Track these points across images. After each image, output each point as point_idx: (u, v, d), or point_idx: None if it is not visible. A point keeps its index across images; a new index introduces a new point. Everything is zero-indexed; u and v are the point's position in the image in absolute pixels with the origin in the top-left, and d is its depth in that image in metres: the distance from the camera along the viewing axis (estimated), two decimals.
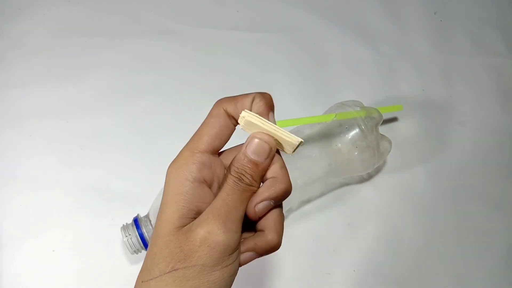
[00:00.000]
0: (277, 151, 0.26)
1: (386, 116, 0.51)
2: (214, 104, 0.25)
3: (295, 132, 0.46)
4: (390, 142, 0.47)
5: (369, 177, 0.50)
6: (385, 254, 0.47)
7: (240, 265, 0.25)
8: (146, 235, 0.40)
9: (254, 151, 0.24)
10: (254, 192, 0.24)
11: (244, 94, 0.25)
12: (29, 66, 0.53)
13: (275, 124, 0.24)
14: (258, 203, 0.24)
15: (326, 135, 0.45)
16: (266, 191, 0.24)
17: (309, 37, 0.58)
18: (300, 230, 0.47)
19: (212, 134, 0.25)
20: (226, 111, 0.25)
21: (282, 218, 0.26)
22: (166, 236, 0.23)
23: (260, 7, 0.59)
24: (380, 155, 0.45)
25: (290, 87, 0.54)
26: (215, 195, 0.25)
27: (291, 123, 0.42)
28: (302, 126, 0.46)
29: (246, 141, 0.24)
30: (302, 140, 0.24)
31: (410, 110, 0.54)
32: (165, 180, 0.24)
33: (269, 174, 0.25)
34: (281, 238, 0.26)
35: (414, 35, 0.59)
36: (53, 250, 0.44)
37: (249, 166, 0.24)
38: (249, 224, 0.26)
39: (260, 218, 0.25)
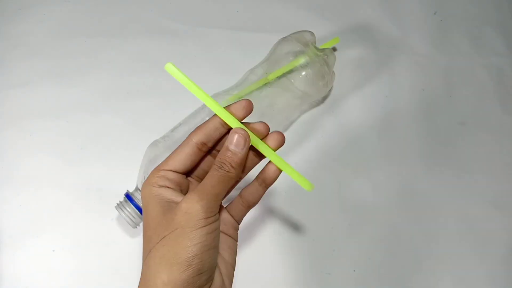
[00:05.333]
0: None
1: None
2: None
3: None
4: (332, 52, 0.49)
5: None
6: (385, 254, 0.47)
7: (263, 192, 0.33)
8: (141, 205, 0.41)
9: (231, 142, 0.30)
10: (232, 178, 0.30)
11: (210, 122, 0.32)
12: (29, 66, 0.53)
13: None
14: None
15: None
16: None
17: None
18: (300, 230, 0.47)
19: (176, 161, 0.31)
20: (191, 140, 0.31)
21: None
22: (156, 219, 0.29)
23: (260, 7, 0.59)
24: (329, 67, 0.48)
25: None
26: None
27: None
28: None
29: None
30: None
31: (409, 110, 0.54)
32: (141, 193, 0.31)
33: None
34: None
35: (414, 35, 0.59)
36: (53, 250, 0.44)
37: (228, 155, 0.30)
38: None
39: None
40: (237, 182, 0.35)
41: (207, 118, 0.45)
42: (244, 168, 0.33)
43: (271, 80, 0.47)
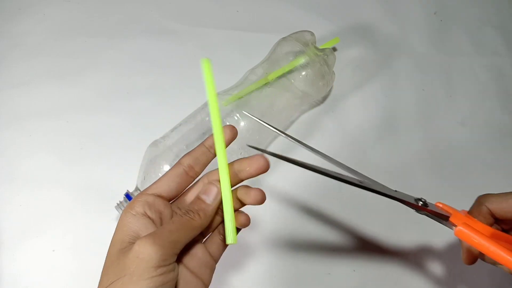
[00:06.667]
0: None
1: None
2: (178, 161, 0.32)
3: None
4: (332, 52, 0.50)
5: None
6: (385, 254, 0.47)
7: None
8: None
9: (203, 192, 0.30)
10: (195, 227, 0.28)
11: (198, 147, 0.32)
12: (29, 66, 0.53)
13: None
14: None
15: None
16: None
17: None
18: (300, 230, 0.47)
19: (162, 183, 0.30)
20: (183, 165, 0.31)
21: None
22: (112, 256, 0.27)
23: (260, 7, 0.59)
24: (329, 66, 0.48)
25: None
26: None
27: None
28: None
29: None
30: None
31: (409, 110, 0.54)
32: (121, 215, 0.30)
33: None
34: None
35: (414, 35, 0.59)
36: (53, 250, 0.44)
37: (197, 202, 0.29)
38: None
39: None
40: (200, 233, 0.31)
41: (207, 119, 0.45)
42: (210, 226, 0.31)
43: (271, 80, 0.47)
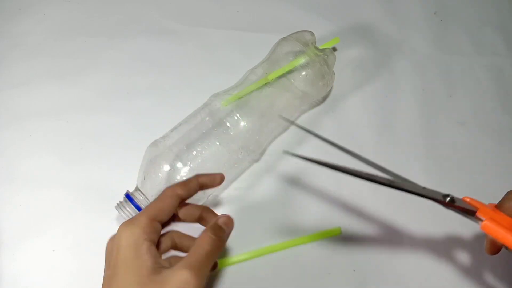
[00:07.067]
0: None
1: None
2: (168, 188, 0.34)
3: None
4: (332, 52, 0.50)
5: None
6: (385, 254, 0.47)
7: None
8: (141, 205, 0.42)
9: (223, 223, 0.34)
10: (220, 246, 0.32)
11: (189, 179, 0.35)
12: (29, 66, 0.53)
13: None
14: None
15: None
16: None
17: None
18: (300, 230, 0.47)
19: (163, 211, 0.33)
20: (177, 194, 0.33)
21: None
22: (144, 277, 0.29)
23: (260, 7, 0.59)
24: (329, 66, 0.48)
25: None
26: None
27: None
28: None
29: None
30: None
31: (409, 110, 0.54)
32: (117, 235, 0.31)
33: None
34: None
35: (414, 35, 0.59)
36: (53, 250, 0.44)
37: (228, 225, 0.34)
38: None
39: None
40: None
41: (207, 119, 0.45)
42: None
43: (271, 80, 0.47)
